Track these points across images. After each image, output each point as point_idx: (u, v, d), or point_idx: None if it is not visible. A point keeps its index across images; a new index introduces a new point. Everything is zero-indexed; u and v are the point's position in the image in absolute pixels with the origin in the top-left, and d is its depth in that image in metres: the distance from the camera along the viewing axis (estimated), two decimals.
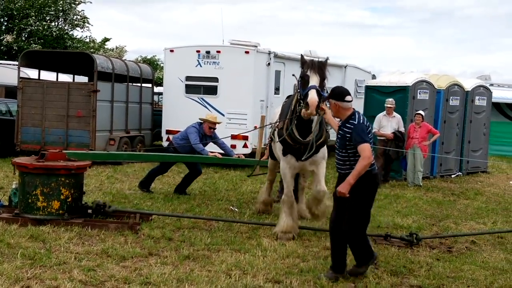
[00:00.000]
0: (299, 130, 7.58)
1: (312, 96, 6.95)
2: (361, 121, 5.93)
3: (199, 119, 10.89)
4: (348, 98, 6.03)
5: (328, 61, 7.44)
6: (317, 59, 7.47)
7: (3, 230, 7.24)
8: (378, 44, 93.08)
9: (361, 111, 14.78)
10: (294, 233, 7.73)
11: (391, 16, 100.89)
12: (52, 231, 7.31)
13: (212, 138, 10.78)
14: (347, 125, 5.93)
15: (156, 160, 11.31)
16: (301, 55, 7.67)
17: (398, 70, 15.59)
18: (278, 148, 8.10)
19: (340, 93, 6.07)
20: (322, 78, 7.24)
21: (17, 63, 16.62)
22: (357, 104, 18.52)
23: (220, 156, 10.51)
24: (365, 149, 5.77)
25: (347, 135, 5.89)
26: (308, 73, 7.23)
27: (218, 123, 10.96)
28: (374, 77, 20.62)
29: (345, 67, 19.11)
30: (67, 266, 5.99)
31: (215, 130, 10.87)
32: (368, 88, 15.42)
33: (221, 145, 10.91)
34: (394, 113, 13.37)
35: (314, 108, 6.92)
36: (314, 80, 7.15)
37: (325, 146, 7.95)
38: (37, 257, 6.19)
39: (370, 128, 6.06)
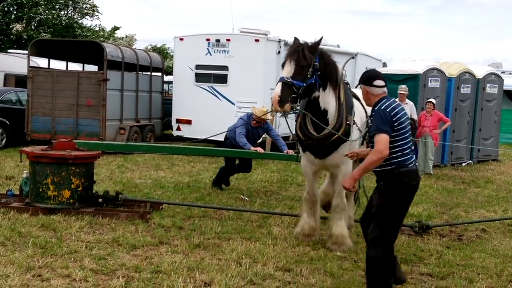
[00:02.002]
0: (314, 122, 6.51)
1: (275, 91, 5.95)
2: (383, 107, 4.96)
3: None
4: (377, 82, 5.13)
5: (320, 41, 6.25)
6: (301, 42, 6.25)
7: (14, 219, 7.30)
8: (389, 31, 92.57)
9: None
10: (316, 235, 7.02)
11: (402, 4, 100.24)
12: (63, 220, 7.35)
13: (263, 130, 10.11)
14: (372, 113, 5.11)
15: (176, 152, 10.64)
16: (295, 37, 6.47)
17: (409, 58, 15.56)
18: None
19: (367, 77, 5.23)
20: (300, 66, 5.99)
21: (27, 52, 16.67)
22: None
23: (261, 151, 9.42)
24: (379, 141, 4.83)
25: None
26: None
27: (264, 120, 9.99)
28: (384, 65, 20.49)
29: (355, 55, 18.99)
30: (78, 255, 6.03)
31: (268, 121, 10.17)
32: None
33: (274, 137, 10.18)
34: (407, 100, 13.28)
35: (275, 105, 5.89)
36: (285, 70, 6.02)
37: (352, 143, 6.53)
38: (48, 246, 6.23)
39: (398, 116, 4.95)
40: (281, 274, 5.80)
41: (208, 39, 15.62)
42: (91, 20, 37.62)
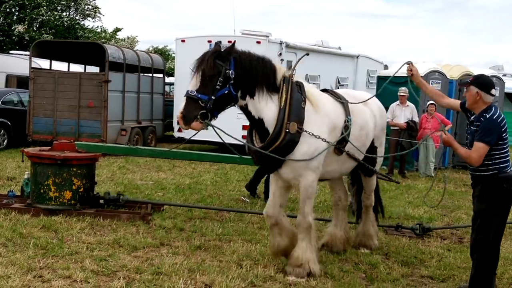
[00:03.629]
0: (259, 133, 5.78)
1: (180, 108, 5.34)
2: (495, 117, 5.00)
3: None
4: (493, 91, 5.16)
5: (233, 46, 5.55)
6: (215, 48, 5.55)
7: (15, 220, 7.30)
8: (391, 34, 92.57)
9: None
10: (305, 269, 5.78)
11: (403, 6, 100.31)
12: (64, 221, 7.35)
13: None
14: (481, 119, 5.05)
15: (178, 157, 10.05)
16: (216, 43, 5.87)
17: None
18: None
19: (486, 83, 5.15)
20: (206, 77, 5.31)
21: (28, 53, 16.69)
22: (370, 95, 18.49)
23: None
24: (477, 150, 4.97)
25: (477, 129, 5.07)
26: None
27: None
28: (386, 67, 20.50)
29: (357, 57, 19.01)
30: (79, 256, 6.03)
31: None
32: (380, 79, 15.31)
33: None
34: (408, 102, 13.27)
35: (181, 123, 5.31)
36: (191, 83, 5.39)
37: (314, 150, 5.63)
38: (49, 247, 6.23)
39: (506, 127, 5.06)
40: (281, 276, 5.80)
41: (209, 41, 15.59)
42: (93, 22, 37.69)
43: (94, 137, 14.36)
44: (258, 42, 15.08)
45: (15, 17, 33.36)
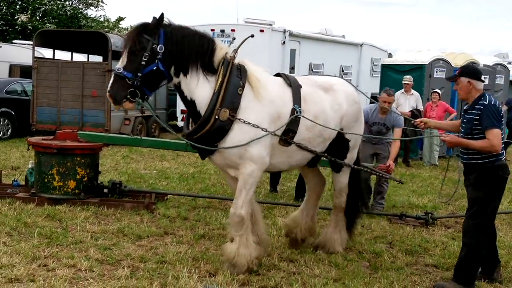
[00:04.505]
0: (193, 117, 5.47)
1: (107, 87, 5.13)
2: (493, 103, 5.15)
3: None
4: (483, 77, 5.37)
5: (161, 18, 5.10)
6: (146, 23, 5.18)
7: (20, 209, 7.32)
8: (395, 22, 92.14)
9: (377, 90, 14.67)
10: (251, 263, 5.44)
11: None
12: (69, 210, 7.37)
13: None
14: (476, 107, 5.15)
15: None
16: (153, 17, 5.20)
17: (415, 48, 15.44)
18: None
19: (475, 71, 5.32)
20: (132, 52, 5.03)
21: (31, 42, 16.65)
22: (374, 83, 18.45)
23: None
24: (495, 136, 5.04)
25: (476, 117, 5.14)
26: None
27: None
28: (390, 55, 20.43)
29: (361, 46, 18.93)
30: (83, 245, 6.04)
31: None
32: (384, 67, 15.26)
33: None
34: (412, 91, 13.21)
35: (111, 101, 5.14)
36: (120, 61, 5.13)
37: (242, 139, 5.22)
38: (54, 236, 6.25)
39: (502, 113, 5.28)
40: (285, 264, 5.81)
41: (213, 30, 15.55)
42: (96, 11, 37.46)
43: (98, 126, 14.34)
44: (262, 31, 15.03)
45: (18, 7, 33.26)
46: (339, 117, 5.82)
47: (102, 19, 37.24)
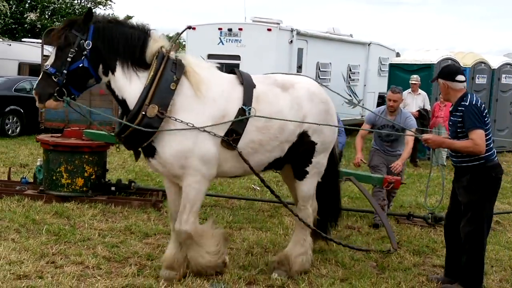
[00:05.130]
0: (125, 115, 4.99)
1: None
2: (474, 103, 5.00)
3: None
4: (459, 77, 5.12)
5: (90, 13, 4.79)
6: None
7: (28, 206, 7.36)
8: (403, 21, 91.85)
9: (385, 90, 14.63)
10: (178, 271, 5.18)
11: None
12: (76, 208, 7.40)
13: None
14: (458, 108, 5.05)
15: None
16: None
17: (423, 48, 15.37)
18: None
19: (449, 72, 5.21)
20: (59, 48, 4.76)
21: (40, 41, 16.73)
22: (381, 82, 18.39)
23: None
24: (479, 137, 4.89)
25: (459, 119, 5.03)
26: None
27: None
28: (398, 54, 20.35)
29: (368, 45, 18.89)
30: (91, 242, 6.07)
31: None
32: (392, 66, 15.22)
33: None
34: (419, 90, 13.15)
35: (36, 99, 4.81)
36: (49, 59, 4.85)
37: (186, 140, 4.77)
38: (62, 233, 6.28)
39: (485, 112, 5.07)
40: None
41: (220, 28, 15.57)
42: (104, 10, 37.63)
43: (105, 124, 14.36)
44: (269, 30, 15.01)
45: (27, 5, 33.41)
46: (300, 118, 5.18)
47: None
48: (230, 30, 15.46)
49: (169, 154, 4.78)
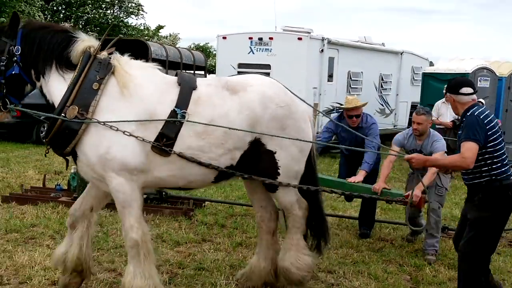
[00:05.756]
0: None
1: None
2: (476, 114, 4.63)
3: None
4: (464, 90, 4.78)
5: (16, 20, 4.63)
6: None
7: (62, 213, 7.44)
8: (436, 30, 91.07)
9: (418, 99, 14.42)
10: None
11: (449, 1, 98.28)
12: (109, 215, 7.46)
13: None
14: (462, 122, 4.77)
15: None
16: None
17: (457, 57, 15.13)
18: None
19: (453, 85, 4.90)
20: None
21: None
22: (414, 92, 18.18)
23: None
24: (468, 149, 4.49)
25: (460, 132, 4.74)
26: None
27: (353, 107, 7.18)
28: (431, 64, 20.12)
29: (401, 54, 18.72)
30: (123, 250, 6.08)
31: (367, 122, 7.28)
32: (425, 75, 15.03)
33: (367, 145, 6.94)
34: None
35: None
36: None
37: (100, 146, 4.42)
38: (95, 240, 6.32)
39: (492, 125, 4.60)
40: (324, 275, 5.75)
41: (250, 38, 15.61)
42: (136, 19, 38.21)
43: None
44: (300, 39, 14.99)
45: (61, 15, 34.15)
46: (250, 123, 4.66)
47: (142, 28, 37.93)
48: (260, 39, 15.49)
49: (89, 156, 4.45)
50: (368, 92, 17.03)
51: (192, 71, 17.42)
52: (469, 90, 4.80)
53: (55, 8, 33.82)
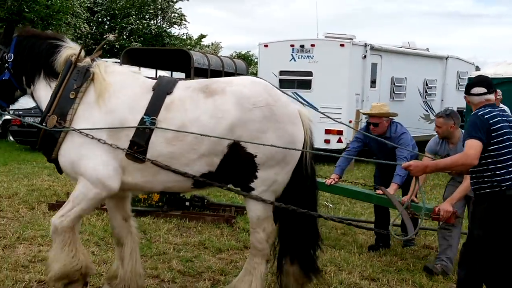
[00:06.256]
0: None
1: None
2: (480, 113, 4.39)
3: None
4: (475, 90, 4.53)
5: (10, 29, 4.87)
6: None
7: (107, 220, 7.56)
8: (482, 34, 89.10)
9: (463, 105, 14.12)
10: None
11: (495, 5, 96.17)
12: (152, 222, 7.56)
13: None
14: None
15: None
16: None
17: (505, 61, 14.76)
18: None
19: (468, 85, 4.67)
20: None
21: (119, 60, 17.38)
22: (460, 97, 17.82)
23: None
24: (470, 146, 4.22)
25: None
26: None
27: (373, 115, 6.84)
28: (477, 68, 19.71)
29: (446, 59, 18.40)
30: (166, 257, 6.17)
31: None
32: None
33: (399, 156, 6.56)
34: (501, 105, 12.62)
35: None
36: None
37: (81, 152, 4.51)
38: (139, 247, 6.40)
39: (499, 126, 4.35)
40: (367, 283, 5.67)
41: (292, 45, 15.61)
42: (179, 29, 38.73)
43: None
44: (342, 45, 14.91)
45: (106, 26, 34.94)
46: (225, 127, 4.46)
47: (185, 37, 38.43)
48: (302, 46, 15.47)
49: (63, 162, 4.58)
50: (412, 98, 16.78)
51: None
52: (481, 90, 4.52)
53: (100, 19, 34.65)
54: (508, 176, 4.25)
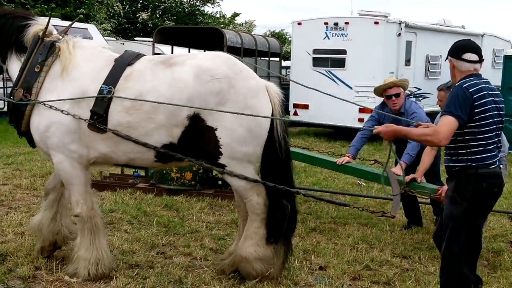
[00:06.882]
0: None
1: None
2: (465, 85, 3.94)
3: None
4: (467, 55, 4.07)
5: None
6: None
7: (140, 199, 7.73)
8: None
9: (499, 82, 13.81)
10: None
11: None
12: (185, 201, 7.67)
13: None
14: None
15: None
16: None
17: None
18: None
19: (456, 47, 4.19)
20: None
21: (151, 39, 17.49)
22: (495, 75, 17.43)
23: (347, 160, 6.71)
24: (444, 124, 3.85)
25: None
26: None
27: (387, 87, 6.75)
28: None
29: (482, 36, 17.97)
30: (198, 235, 6.26)
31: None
32: (507, 58, 14.34)
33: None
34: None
35: None
36: None
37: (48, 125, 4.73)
38: (171, 225, 6.53)
39: (483, 101, 3.92)
40: (398, 260, 5.67)
41: (326, 23, 15.45)
42: (212, 7, 38.69)
43: None
44: (376, 23, 14.69)
45: (139, 5, 35.11)
46: (184, 98, 4.53)
47: (218, 16, 38.40)
48: (336, 24, 15.30)
49: (34, 135, 4.83)
50: (447, 76, 16.34)
51: (267, 58, 17.49)
52: (473, 57, 4.08)
53: None
54: (484, 155, 3.96)
